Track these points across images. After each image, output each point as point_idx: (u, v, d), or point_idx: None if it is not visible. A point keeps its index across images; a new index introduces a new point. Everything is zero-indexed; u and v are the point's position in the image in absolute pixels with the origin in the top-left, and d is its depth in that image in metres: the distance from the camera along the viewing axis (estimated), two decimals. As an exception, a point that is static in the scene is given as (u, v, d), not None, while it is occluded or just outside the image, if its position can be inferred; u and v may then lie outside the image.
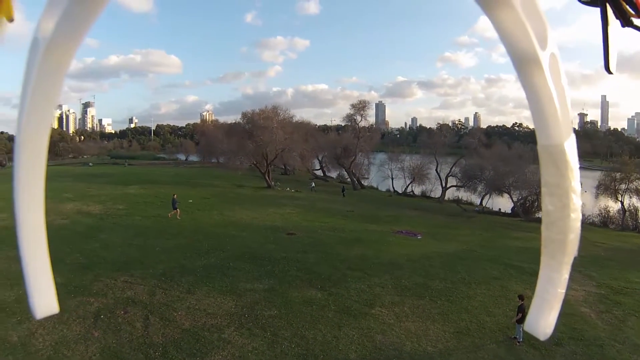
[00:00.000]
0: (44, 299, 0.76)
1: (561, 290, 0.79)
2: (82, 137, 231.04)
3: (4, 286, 16.35)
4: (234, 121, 74.36)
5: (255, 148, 58.57)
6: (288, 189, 58.59)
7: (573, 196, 0.76)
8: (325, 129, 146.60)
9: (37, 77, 0.70)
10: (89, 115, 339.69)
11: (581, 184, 0.82)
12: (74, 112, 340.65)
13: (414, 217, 40.49)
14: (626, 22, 0.98)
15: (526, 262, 22.22)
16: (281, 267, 19.81)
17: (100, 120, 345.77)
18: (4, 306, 14.70)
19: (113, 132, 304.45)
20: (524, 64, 0.72)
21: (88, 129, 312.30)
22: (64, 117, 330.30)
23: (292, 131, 62.89)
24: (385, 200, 58.36)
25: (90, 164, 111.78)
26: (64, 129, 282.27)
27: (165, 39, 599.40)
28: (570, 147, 0.75)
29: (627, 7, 0.96)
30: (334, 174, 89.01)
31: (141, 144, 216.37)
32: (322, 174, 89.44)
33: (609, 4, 0.97)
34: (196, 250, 22.24)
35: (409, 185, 71.15)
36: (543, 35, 0.72)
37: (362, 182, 77.04)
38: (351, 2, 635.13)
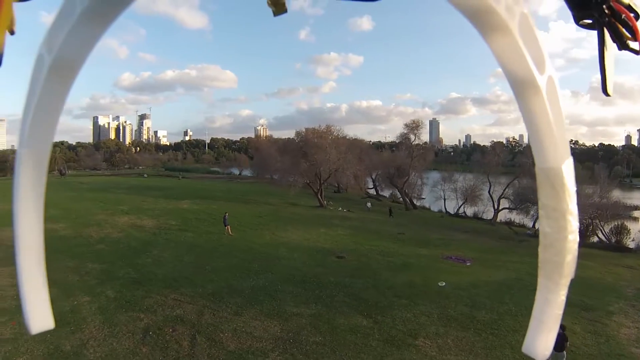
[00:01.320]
0: (39, 314, 0.79)
1: (558, 312, 0.83)
2: (138, 148, 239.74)
3: (60, 296, 17.53)
4: (288, 137, 75.97)
5: (309, 167, 59.59)
6: (340, 208, 58.95)
7: (570, 218, 0.80)
8: (379, 146, 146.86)
9: (41, 93, 0.74)
10: (144, 127, 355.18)
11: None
12: (130, 124, 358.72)
13: (464, 241, 39.82)
14: (623, 45, 1.05)
15: (575, 294, 21.34)
16: (329, 292, 20.07)
17: (155, 132, 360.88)
18: (59, 316, 15.76)
19: (168, 144, 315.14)
20: (522, 87, 0.75)
21: (144, 140, 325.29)
22: (121, 128, 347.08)
23: (345, 150, 63.60)
24: (436, 222, 57.71)
25: (145, 175, 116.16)
26: (121, 140, 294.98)
27: (220, 54, 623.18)
28: (567, 170, 0.79)
29: (624, 30, 1.02)
30: (386, 193, 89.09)
31: (195, 157, 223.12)
32: (375, 193, 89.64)
33: (606, 28, 1.03)
34: (246, 270, 22.86)
35: (460, 206, 70.57)
36: (540, 59, 0.76)
37: (415, 202, 76.72)
38: (403, 18, 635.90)
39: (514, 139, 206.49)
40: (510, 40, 0.72)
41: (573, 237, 0.79)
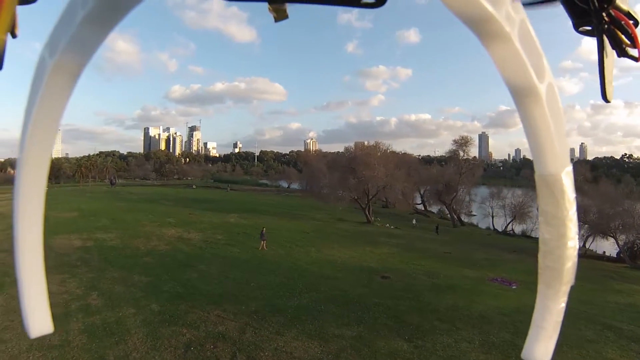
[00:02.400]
0: (39, 318, 0.80)
1: (558, 319, 0.86)
2: (187, 160, 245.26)
3: (107, 306, 18.36)
4: (337, 151, 76.65)
5: (357, 183, 59.84)
6: (387, 225, 58.73)
7: (570, 225, 0.81)
8: (427, 160, 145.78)
9: (42, 97, 0.75)
10: (194, 139, 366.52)
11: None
12: (180, 135, 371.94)
13: (511, 261, 38.79)
14: (622, 52, 1.08)
15: (627, 323, 20.74)
16: (371, 314, 19.99)
17: (205, 144, 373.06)
18: (105, 326, 16.53)
19: (217, 155, 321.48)
20: (522, 95, 0.77)
21: (193, 151, 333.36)
22: (171, 139, 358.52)
23: (394, 167, 63.81)
24: (483, 240, 56.81)
25: (194, 186, 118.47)
26: (171, 151, 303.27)
27: (268, 67, 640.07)
28: (567, 178, 0.81)
29: (623, 37, 1.05)
30: (434, 209, 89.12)
31: (244, 169, 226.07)
32: (423, 209, 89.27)
33: (606, 35, 1.05)
34: (290, 289, 23.10)
35: (509, 223, 69.81)
36: (540, 67, 0.77)
37: (462, 219, 76.53)
38: (450, 30, 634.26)
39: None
40: (510, 48, 0.73)
41: (573, 244, 0.82)
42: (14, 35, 0.91)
